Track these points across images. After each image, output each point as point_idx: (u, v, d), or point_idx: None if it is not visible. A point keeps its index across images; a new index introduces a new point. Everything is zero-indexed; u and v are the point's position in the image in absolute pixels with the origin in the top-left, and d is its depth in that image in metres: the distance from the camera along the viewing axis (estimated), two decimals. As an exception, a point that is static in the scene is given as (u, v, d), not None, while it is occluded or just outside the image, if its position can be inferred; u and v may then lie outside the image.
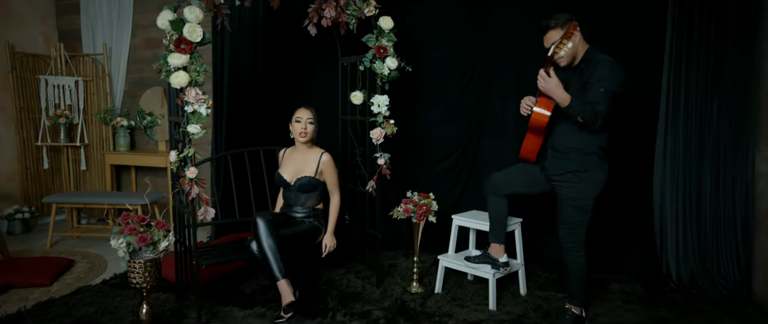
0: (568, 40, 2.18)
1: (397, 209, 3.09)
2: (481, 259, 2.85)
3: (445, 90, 3.76)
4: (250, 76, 3.88)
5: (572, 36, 2.17)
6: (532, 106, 2.41)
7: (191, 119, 2.40)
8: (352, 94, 3.20)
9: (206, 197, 2.48)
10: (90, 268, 3.49)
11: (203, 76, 2.43)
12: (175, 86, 2.37)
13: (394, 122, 3.05)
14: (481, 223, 2.99)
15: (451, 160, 3.79)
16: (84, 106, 4.56)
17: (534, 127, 2.40)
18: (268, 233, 2.57)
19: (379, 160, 3.06)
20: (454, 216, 3.15)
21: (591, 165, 2.36)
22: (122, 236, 2.22)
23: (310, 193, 2.90)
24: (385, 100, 2.99)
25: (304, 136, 2.87)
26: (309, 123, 2.88)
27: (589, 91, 2.23)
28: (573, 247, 2.43)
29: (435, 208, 3.08)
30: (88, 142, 4.63)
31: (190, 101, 2.37)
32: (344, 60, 3.40)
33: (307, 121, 2.88)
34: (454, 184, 3.80)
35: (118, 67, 4.66)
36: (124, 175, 4.91)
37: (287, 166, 2.97)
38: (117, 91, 4.70)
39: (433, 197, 3.12)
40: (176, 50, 2.34)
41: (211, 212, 2.50)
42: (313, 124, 2.89)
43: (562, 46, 2.20)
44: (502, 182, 2.72)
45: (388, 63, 2.95)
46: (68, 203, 4.03)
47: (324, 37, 3.15)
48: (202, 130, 2.43)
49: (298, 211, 2.91)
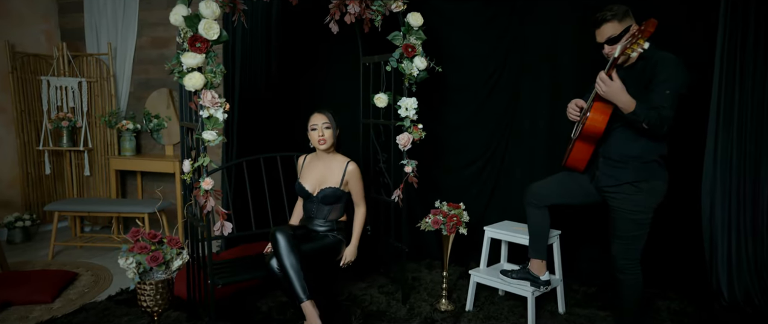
0: (645, 39, 1.83)
1: (426, 221, 2.87)
2: (519, 274, 2.62)
3: (472, 91, 3.53)
4: (264, 78, 3.67)
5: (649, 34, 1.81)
6: (586, 112, 2.17)
7: (206, 125, 2.18)
8: (375, 96, 2.98)
9: (223, 211, 2.26)
10: (94, 281, 3.27)
11: (220, 77, 2.21)
12: (188, 88, 2.15)
13: (422, 127, 2.83)
14: (516, 235, 2.77)
15: (478, 165, 3.57)
16: (87, 108, 4.35)
17: (588, 135, 2.16)
18: (289, 250, 2.35)
19: (406, 167, 2.83)
20: (487, 228, 2.92)
21: (651, 174, 2.13)
22: (131, 255, 2.00)
23: (334, 205, 2.68)
24: (414, 103, 2.76)
25: (324, 143, 2.65)
26: (325, 128, 2.66)
27: (652, 93, 1.99)
28: (628, 264, 2.20)
29: (466, 218, 2.86)
30: (92, 147, 4.42)
31: (205, 105, 2.15)
32: (366, 60, 3.18)
33: (323, 127, 2.65)
34: (480, 190, 3.58)
35: (124, 67, 4.45)
36: (129, 180, 4.69)
37: (309, 175, 2.75)
38: (122, 93, 4.49)
39: (463, 207, 2.89)
40: (190, 49, 2.11)
41: (228, 227, 2.28)
42: (330, 129, 2.66)
43: (636, 47, 1.85)
44: (543, 193, 2.50)
45: (417, 63, 2.72)
46: (71, 211, 3.82)
47: (343, 35, 2.93)
48: (219, 136, 2.21)
49: (319, 224, 2.69)
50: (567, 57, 3.24)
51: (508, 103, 3.47)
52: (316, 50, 3.81)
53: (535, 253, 2.57)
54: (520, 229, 2.88)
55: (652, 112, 1.95)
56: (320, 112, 2.68)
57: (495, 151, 3.53)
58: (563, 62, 3.25)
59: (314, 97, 3.84)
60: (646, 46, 1.83)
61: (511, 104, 3.47)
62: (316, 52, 3.81)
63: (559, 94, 3.25)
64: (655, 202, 2.16)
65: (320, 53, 3.81)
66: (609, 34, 2.12)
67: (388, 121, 2.97)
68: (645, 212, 2.15)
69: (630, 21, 2.14)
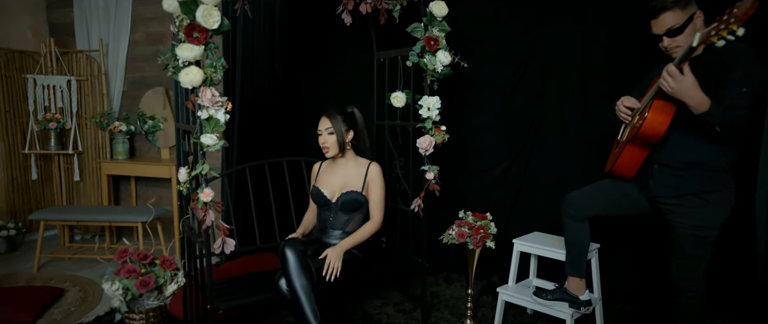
0: (738, 24, 1.46)
1: (449, 233, 2.59)
2: (556, 295, 2.34)
3: (494, 90, 3.25)
4: (267, 75, 3.37)
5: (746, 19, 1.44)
6: (644, 112, 1.90)
7: (205, 127, 1.90)
8: (392, 95, 2.70)
9: (224, 226, 1.98)
10: (82, 299, 2.98)
11: (221, 72, 1.93)
12: (185, 85, 1.86)
13: (445, 129, 2.54)
14: (549, 249, 2.49)
15: (501, 168, 3.28)
16: (77, 108, 4.05)
17: (644, 137, 1.88)
18: (300, 270, 2.06)
19: (428, 173, 2.55)
20: (516, 241, 2.64)
21: (719, 184, 1.85)
22: (118, 280, 1.71)
23: (354, 213, 2.40)
24: (437, 103, 2.48)
25: (327, 151, 2.42)
26: (328, 133, 2.41)
27: (725, 91, 1.71)
28: (690, 286, 1.92)
29: (493, 230, 2.58)
30: (82, 150, 4.12)
31: (204, 104, 1.87)
32: (381, 55, 2.90)
33: (326, 133, 2.41)
34: (503, 196, 3.29)
35: (116, 65, 4.16)
36: (123, 186, 4.41)
37: (327, 180, 2.50)
38: (114, 92, 4.20)
39: (490, 218, 2.62)
40: (187, 40, 1.83)
41: (230, 244, 2.00)
42: (333, 135, 2.41)
43: (725, 33, 1.50)
44: (584, 203, 2.22)
45: (440, 57, 2.44)
46: (57, 220, 3.53)
47: (355, 28, 2.66)
48: (220, 140, 1.92)
49: (335, 236, 2.40)
50: (597, 54, 2.96)
51: (533, 103, 3.19)
52: (324, 45, 3.53)
53: (574, 270, 2.29)
54: (553, 241, 2.60)
55: (727, 113, 1.67)
56: (325, 115, 2.43)
57: (519, 154, 3.25)
58: (595, 60, 2.97)
59: (322, 97, 3.56)
60: (740, 33, 1.52)
61: (536, 104, 3.18)
62: (324, 47, 3.54)
63: (588, 94, 2.98)
64: (722, 216, 1.88)
65: (329, 48, 3.53)
66: (670, 25, 1.84)
67: (407, 123, 2.70)
68: (711, 228, 1.87)
69: (693, 8, 1.86)
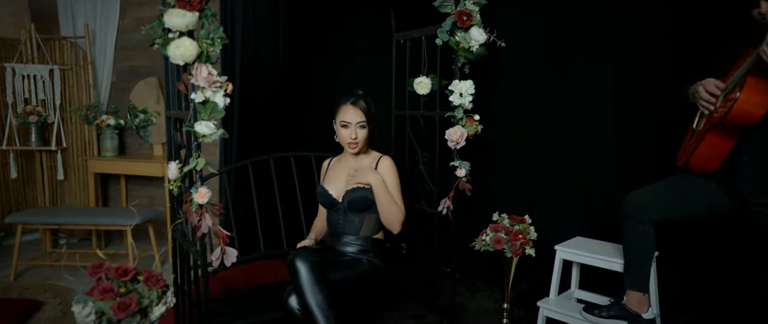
0: None
1: (482, 239, 2.25)
2: (613, 312, 2.01)
3: (522, 76, 2.92)
4: (270, 61, 3.04)
5: None
6: (734, 92, 1.56)
7: (201, 113, 1.55)
8: (415, 81, 2.37)
9: (224, 233, 1.63)
10: (62, 313, 2.64)
11: (219, 46, 1.58)
12: (175, 61, 1.52)
13: (479, 118, 2.20)
14: (598, 258, 2.16)
15: (531, 164, 2.95)
16: (61, 100, 3.70)
17: (734, 123, 1.56)
18: (314, 284, 1.73)
19: (459, 170, 2.21)
20: (559, 247, 2.30)
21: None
22: (90, 301, 1.37)
23: (365, 212, 2.05)
24: (470, 88, 2.14)
25: (355, 147, 2.05)
26: (360, 127, 2.04)
27: None
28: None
29: (533, 235, 2.25)
30: (67, 146, 3.77)
31: (199, 85, 1.52)
32: (401, 36, 2.55)
33: (357, 127, 2.04)
34: (533, 196, 2.95)
35: (104, 53, 3.82)
36: (112, 185, 4.06)
37: (334, 178, 2.14)
38: (102, 83, 3.85)
39: (529, 221, 2.28)
40: (177, 4, 1.49)
41: (231, 255, 1.65)
42: (365, 129, 2.05)
43: None
44: (649, 203, 1.88)
45: (474, 35, 2.10)
46: (36, 224, 3.18)
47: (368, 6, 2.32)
48: (217, 129, 1.58)
49: (350, 242, 2.05)
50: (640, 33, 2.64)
51: (568, 91, 2.85)
52: (335, 25, 3.19)
53: (635, 283, 1.95)
54: (601, 247, 2.27)
55: None
56: (355, 105, 2.04)
57: (552, 148, 2.92)
58: (639, 40, 2.64)
59: (331, 84, 3.22)
60: None
61: (569, 93, 2.85)
62: (335, 28, 3.20)
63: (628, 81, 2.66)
64: None
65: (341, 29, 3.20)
66: None
67: (432, 112, 2.36)
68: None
69: None
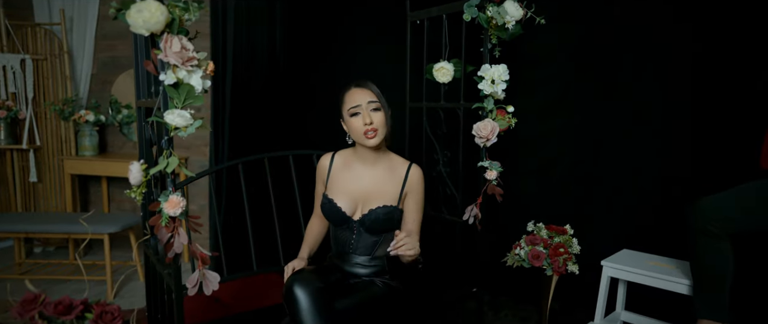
0: None
1: (515, 253, 1.90)
2: (680, 344, 1.66)
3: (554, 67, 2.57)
4: (265, 51, 2.70)
5: None
6: None
7: (172, 98, 1.20)
8: (434, 67, 2.02)
9: (203, 253, 1.28)
10: (24, 337, 2.27)
11: (195, 14, 1.24)
12: (137, 30, 1.18)
13: (513, 111, 1.85)
14: (652, 276, 1.82)
15: (564, 164, 2.60)
16: (34, 94, 3.34)
17: None
18: (316, 315, 1.38)
19: (489, 172, 1.86)
20: (606, 262, 1.95)
21: None
22: (20, 350, 1.02)
23: (386, 233, 1.68)
24: (504, 73, 1.79)
25: (375, 135, 1.62)
26: (373, 110, 1.62)
27: None
28: None
29: (576, 249, 1.90)
30: (41, 144, 3.41)
31: (169, 62, 1.17)
32: (417, 15, 2.20)
33: (369, 108, 1.62)
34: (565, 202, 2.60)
35: (83, 42, 3.46)
36: (93, 188, 3.70)
37: (344, 186, 1.72)
38: (81, 75, 3.50)
39: (571, 232, 1.93)
40: (140, -46, 1.14)
41: (212, 280, 1.31)
42: (380, 111, 1.63)
43: None
44: (726, 212, 1.54)
45: (510, 9, 1.75)
46: (4, 232, 2.81)
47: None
48: (195, 121, 1.23)
49: (361, 263, 1.69)
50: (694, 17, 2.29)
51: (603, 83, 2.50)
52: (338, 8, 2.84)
53: (712, 310, 1.60)
54: (656, 263, 1.92)
55: None
56: (360, 86, 1.65)
57: (585, 148, 2.57)
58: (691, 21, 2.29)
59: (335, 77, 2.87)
60: None
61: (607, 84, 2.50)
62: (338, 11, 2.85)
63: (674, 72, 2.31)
64: None
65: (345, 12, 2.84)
66: None
67: (455, 104, 2.01)
68: None
69: None
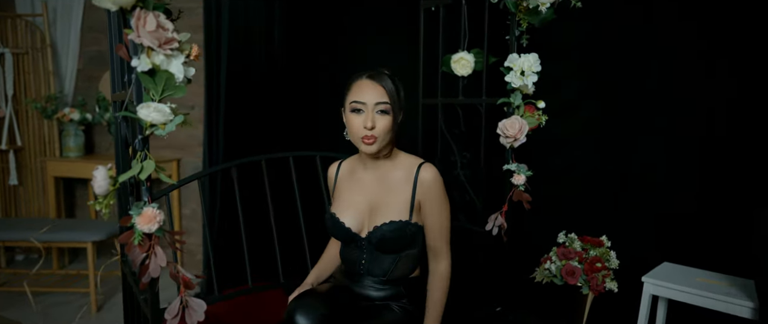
0: None
1: (545, 268, 1.69)
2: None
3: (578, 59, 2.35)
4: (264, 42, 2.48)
5: None
6: None
7: (147, 89, 0.98)
8: (452, 58, 1.81)
9: (186, 276, 1.06)
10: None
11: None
12: (103, 4, 0.95)
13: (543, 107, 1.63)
14: (705, 295, 1.60)
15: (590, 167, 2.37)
16: (14, 90, 3.13)
17: None
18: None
19: (516, 176, 1.64)
20: (647, 279, 1.73)
21: None
22: None
23: (402, 252, 1.44)
24: (535, 64, 1.56)
25: (373, 142, 1.35)
26: (380, 112, 1.34)
27: None
28: None
29: (614, 264, 1.69)
30: (22, 145, 3.19)
31: (143, 43, 0.95)
32: (430, 2, 1.98)
33: (375, 110, 1.34)
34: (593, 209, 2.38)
35: (68, 35, 3.25)
36: (78, 191, 3.48)
37: (347, 197, 1.48)
38: (66, 71, 3.28)
39: (608, 244, 1.72)
40: None
41: (199, 309, 1.08)
42: (388, 115, 1.36)
43: None
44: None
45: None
46: (-22, 240, 2.60)
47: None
48: (176, 116, 1.01)
49: (373, 285, 1.45)
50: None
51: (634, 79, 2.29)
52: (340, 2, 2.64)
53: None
54: (706, 280, 1.70)
55: None
56: (375, 80, 1.36)
57: (614, 151, 2.35)
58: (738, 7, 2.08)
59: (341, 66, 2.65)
60: None
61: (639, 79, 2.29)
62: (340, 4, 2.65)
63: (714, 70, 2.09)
64: None
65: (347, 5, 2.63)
66: None
67: (475, 99, 1.79)
68: None
69: None
